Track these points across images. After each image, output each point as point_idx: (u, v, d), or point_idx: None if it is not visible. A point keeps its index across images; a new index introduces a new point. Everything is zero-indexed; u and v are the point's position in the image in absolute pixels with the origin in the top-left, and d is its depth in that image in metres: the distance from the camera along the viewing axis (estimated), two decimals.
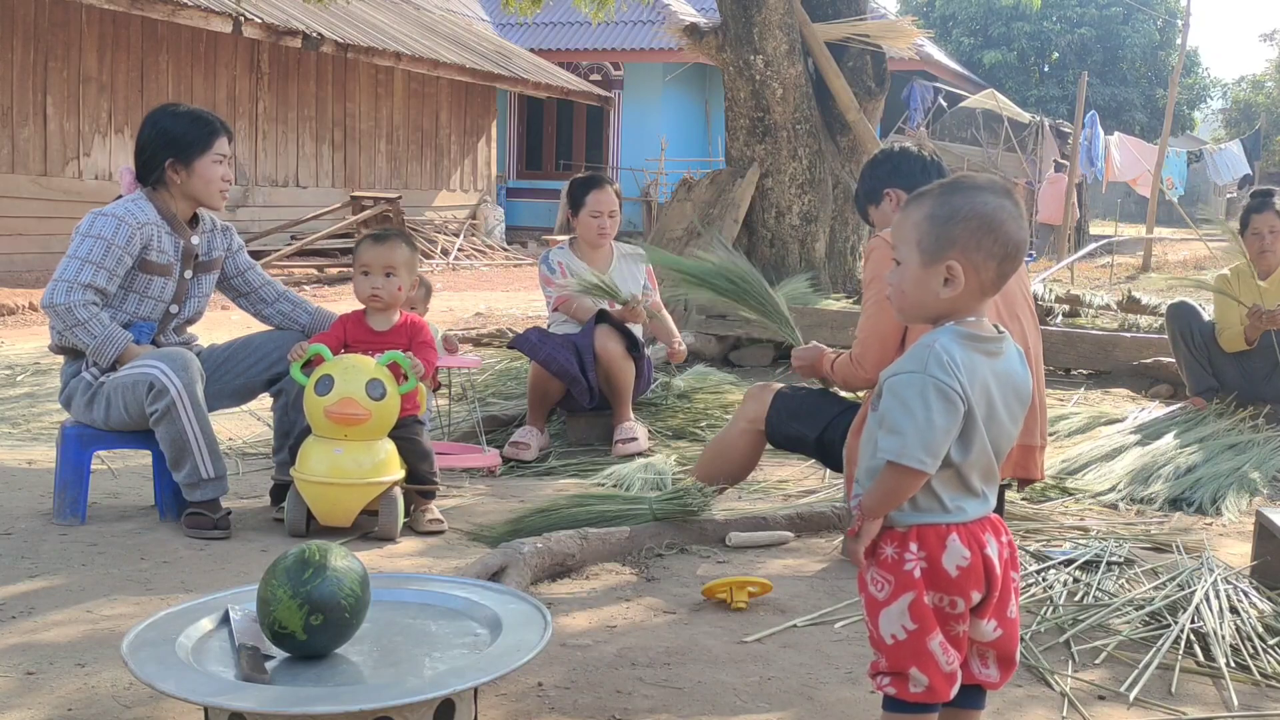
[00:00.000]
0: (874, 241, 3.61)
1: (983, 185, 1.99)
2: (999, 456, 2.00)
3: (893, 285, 2.04)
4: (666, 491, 4.02)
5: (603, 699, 2.53)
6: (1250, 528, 3.67)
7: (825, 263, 8.47)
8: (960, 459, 1.94)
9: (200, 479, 3.68)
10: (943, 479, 1.95)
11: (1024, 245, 2.00)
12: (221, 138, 3.89)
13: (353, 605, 2.22)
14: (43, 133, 12.59)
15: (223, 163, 3.90)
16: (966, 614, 1.97)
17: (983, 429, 1.94)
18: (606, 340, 4.94)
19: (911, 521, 1.96)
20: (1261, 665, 2.79)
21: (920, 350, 1.94)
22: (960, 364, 1.91)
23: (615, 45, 21.70)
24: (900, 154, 3.82)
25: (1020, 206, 2.02)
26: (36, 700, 2.45)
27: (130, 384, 3.67)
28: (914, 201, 2.02)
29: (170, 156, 3.82)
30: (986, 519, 2.00)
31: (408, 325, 3.93)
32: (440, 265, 15.55)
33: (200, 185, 3.86)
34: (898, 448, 1.90)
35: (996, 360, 1.97)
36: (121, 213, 3.75)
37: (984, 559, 1.96)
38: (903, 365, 1.95)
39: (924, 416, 1.89)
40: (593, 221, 5.23)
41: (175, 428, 3.65)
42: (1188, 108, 38.58)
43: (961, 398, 1.90)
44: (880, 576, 1.97)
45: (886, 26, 9.07)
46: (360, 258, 3.91)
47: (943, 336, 1.95)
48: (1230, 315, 5.79)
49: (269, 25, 13.50)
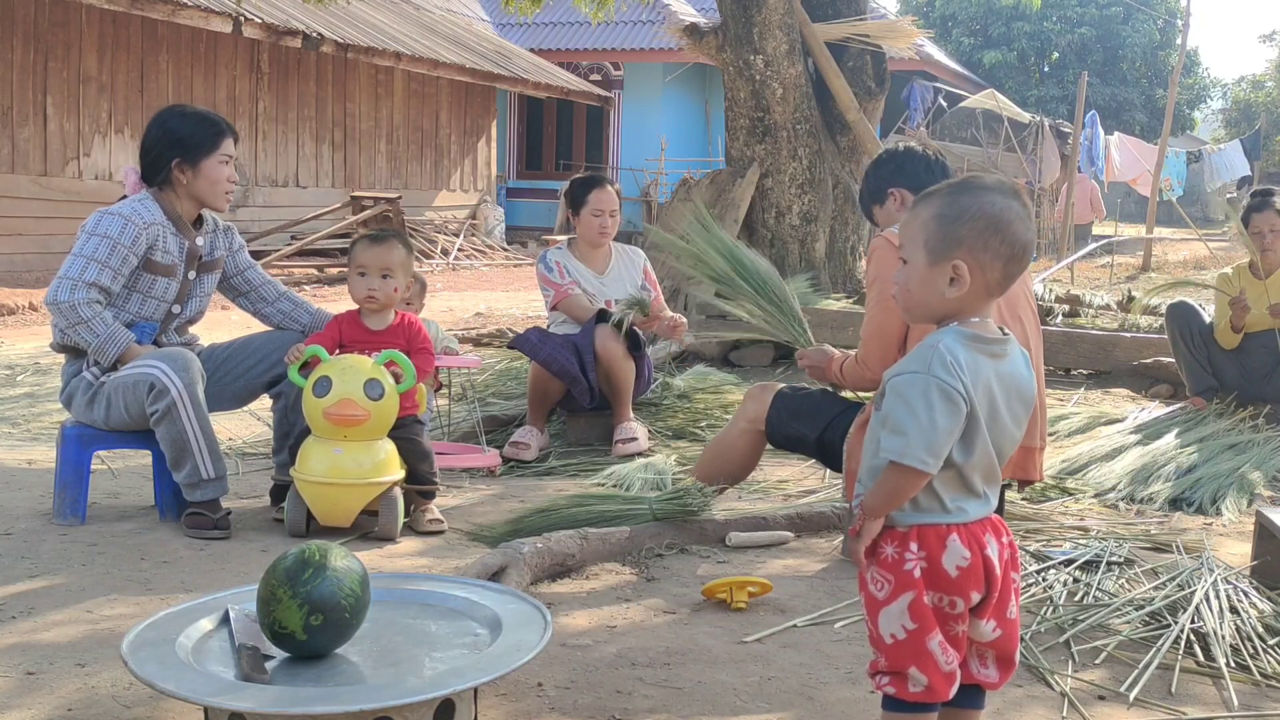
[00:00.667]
0: (876, 241, 3.61)
1: (991, 186, 1.99)
2: (1001, 458, 2.00)
3: (899, 284, 2.04)
4: (666, 491, 4.01)
5: (603, 699, 2.53)
6: (1250, 528, 3.67)
7: (825, 263, 8.47)
8: (962, 460, 1.94)
9: (200, 479, 3.67)
10: (944, 479, 1.95)
11: (1031, 247, 2.00)
12: (228, 139, 3.90)
13: (353, 605, 2.22)
14: (43, 133, 12.59)
15: (228, 164, 3.90)
16: (966, 614, 1.97)
17: (985, 430, 1.94)
18: (607, 340, 4.95)
19: (912, 521, 1.96)
20: (1261, 665, 2.79)
21: (924, 351, 1.94)
22: (964, 365, 1.91)
23: (615, 45, 21.70)
24: (905, 153, 3.81)
25: (1029, 208, 2.02)
26: (36, 700, 2.45)
27: (131, 384, 3.67)
28: (922, 201, 2.02)
29: (177, 157, 3.82)
30: (987, 520, 2.00)
31: (404, 325, 3.93)
32: (440, 265, 15.55)
33: (206, 186, 3.86)
34: (900, 448, 1.90)
35: (1000, 362, 1.97)
36: (128, 212, 3.76)
37: (984, 559, 1.96)
38: (906, 365, 1.95)
39: (927, 417, 1.89)
40: (594, 220, 5.23)
41: (175, 428, 3.64)
42: (1188, 108, 38.57)
43: (964, 399, 1.90)
44: (880, 576, 1.97)
45: (886, 26, 9.07)
46: (356, 258, 3.90)
47: (946, 337, 1.95)
48: (1226, 310, 5.81)
49: (269, 25, 13.50)
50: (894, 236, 3.50)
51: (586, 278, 5.25)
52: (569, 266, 5.25)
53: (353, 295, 3.92)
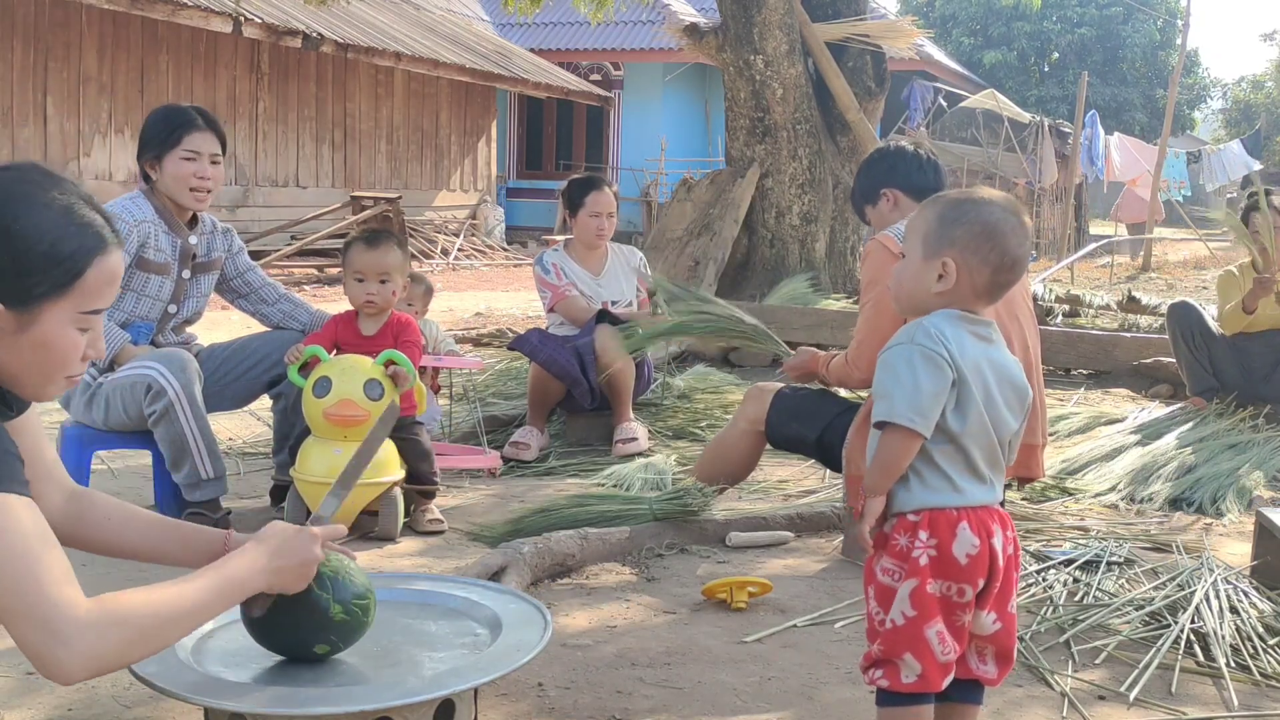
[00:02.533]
0: (871, 244, 3.60)
1: (996, 200, 2.10)
2: (1002, 444, 2.05)
3: (895, 276, 2.14)
4: (666, 491, 4.02)
5: (603, 699, 2.53)
6: (1250, 528, 3.67)
7: (825, 263, 8.47)
8: (959, 427, 2.00)
9: (200, 479, 3.67)
10: (947, 454, 2.00)
11: (1023, 261, 2.08)
12: (193, 134, 3.77)
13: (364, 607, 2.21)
14: (43, 133, 12.59)
15: (195, 160, 3.77)
16: (973, 603, 2.00)
17: (980, 404, 2.01)
18: (607, 340, 4.95)
19: (922, 503, 2.00)
20: (1261, 665, 2.79)
21: (910, 327, 2.06)
22: (949, 336, 2.00)
23: (615, 45, 21.69)
24: (896, 153, 3.80)
25: (1028, 227, 2.11)
26: (36, 700, 2.45)
27: (128, 385, 3.66)
28: (932, 201, 2.13)
29: (146, 154, 3.80)
30: (995, 510, 2.04)
31: (394, 325, 3.92)
32: (440, 265, 15.55)
33: (170, 182, 3.79)
34: (887, 409, 1.98)
35: (989, 346, 2.06)
36: (118, 210, 3.74)
37: (990, 548, 1.99)
38: (893, 341, 2.05)
39: (910, 380, 1.97)
40: (591, 222, 5.24)
41: (174, 429, 3.64)
42: (1188, 108, 38.56)
43: (949, 364, 1.98)
44: (894, 565, 2.02)
45: (886, 26, 9.07)
46: (353, 263, 3.87)
47: (932, 315, 2.05)
48: (1232, 293, 5.81)
49: (269, 25, 13.50)
50: (888, 239, 3.51)
51: (583, 279, 5.25)
52: (565, 268, 5.25)
53: (351, 300, 3.91)
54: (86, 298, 1.73)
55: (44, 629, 1.61)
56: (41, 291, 1.68)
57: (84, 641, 1.62)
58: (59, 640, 1.61)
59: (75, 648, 1.61)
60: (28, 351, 1.72)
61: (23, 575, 1.60)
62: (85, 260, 1.71)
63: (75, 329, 1.73)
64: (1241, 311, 5.73)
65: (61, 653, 1.61)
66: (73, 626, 1.61)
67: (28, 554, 1.61)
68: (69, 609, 1.62)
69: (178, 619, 1.77)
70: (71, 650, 1.61)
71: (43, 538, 1.64)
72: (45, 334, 1.71)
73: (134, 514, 2.04)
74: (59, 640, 1.61)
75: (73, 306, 1.72)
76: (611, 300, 5.22)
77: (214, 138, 3.83)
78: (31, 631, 1.61)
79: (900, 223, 3.60)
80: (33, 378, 1.74)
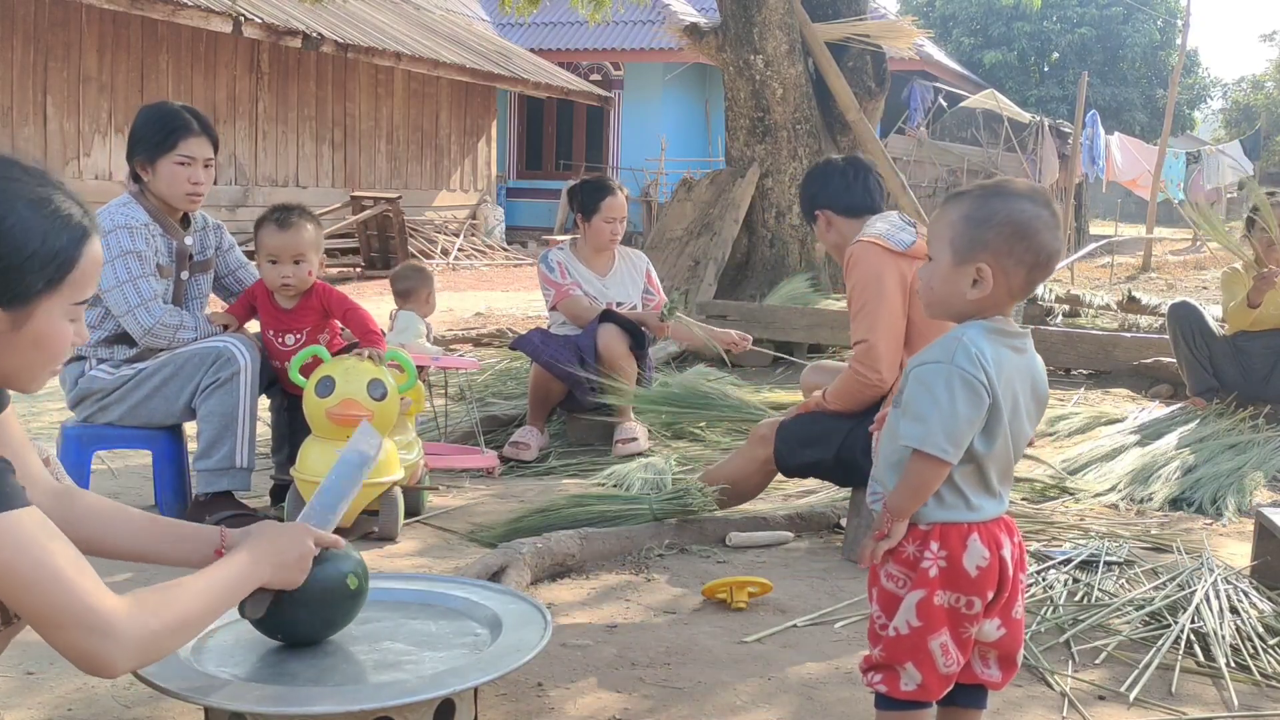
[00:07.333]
0: (856, 249, 3.57)
1: (1023, 192, 1.99)
2: (1016, 455, 2.02)
3: (923, 280, 2.05)
4: (666, 491, 4.01)
5: (603, 699, 2.53)
6: (1250, 528, 3.67)
7: (825, 263, 8.47)
8: (984, 451, 1.95)
9: (232, 465, 3.65)
10: (966, 474, 1.96)
11: (1057, 255, 2.00)
12: (188, 139, 3.73)
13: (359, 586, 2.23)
14: (43, 133, 12.59)
15: (190, 165, 3.73)
16: (981, 615, 1.98)
17: (1006, 424, 1.95)
18: (610, 339, 4.94)
19: (936, 519, 1.97)
20: (1261, 665, 2.79)
21: (948, 342, 1.95)
22: (989, 358, 1.92)
23: (615, 45, 21.68)
24: (823, 172, 3.78)
25: (1058, 217, 2.02)
26: (36, 700, 2.45)
27: (196, 357, 3.65)
28: (952, 200, 2.03)
29: (137, 156, 3.76)
30: (1001, 519, 2.02)
31: (315, 296, 3.89)
32: (440, 265, 15.54)
33: (163, 187, 3.76)
34: (921, 434, 1.90)
35: (1023, 357, 1.99)
36: (121, 221, 3.71)
37: (999, 559, 1.97)
38: (930, 355, 1.96)
39: (949, 405, 1.90)
40: (605, 227, 5.23)
41: (230, 400, 3.62)
42: (1188, 108, 38.57)
43: (987, 390, 1.91)
44: (899, 573, 1.99)
45: (886, 26, 9.07)
46: (265, 245, 3.83)
47: (970, 330, 1.96)
48: (1236, 289, 5.81)
49: (269, 25, 13.50)
50: (876, 238, 3.50)
51: (589, 280, 5.25)
52: (571, 267, 5.25)
53: (268, 283, 3.88)
54: (77, 289, 1.73)
55: (87, 631, 1.64)
56: (39, 289, 1.69)
57: (128, 634, 1.67)
58: (104, 636, 1.65)
59: (122, 640, 1.66)
60: (25, 349, 1.72)
61: (49, 587, 1.62)
62: (76, 252, 1.71)
63: (66, 320, 1.74)
64: (1246, 307, 5.73)
65: (110, 647, 1.65)
66: (111, 621, 1.65)
67: (46, 564, 1.62)
68: (102, 607, 1.65)
69: (201, 614, 1.82)
70: (119, 643, 1.66)
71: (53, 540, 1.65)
72: (41, 329, 1.71)
73: (123, 512, 2.04)
74: (104, 636, 1.65)
75: (65, 299, 1.72)
76: (616, 302, 5.22)
77: (207, 142, 3.79)
78: (76, 637, 1.64)
79: (878, 223, 3.59)
80: (26, 373, 1.75)
